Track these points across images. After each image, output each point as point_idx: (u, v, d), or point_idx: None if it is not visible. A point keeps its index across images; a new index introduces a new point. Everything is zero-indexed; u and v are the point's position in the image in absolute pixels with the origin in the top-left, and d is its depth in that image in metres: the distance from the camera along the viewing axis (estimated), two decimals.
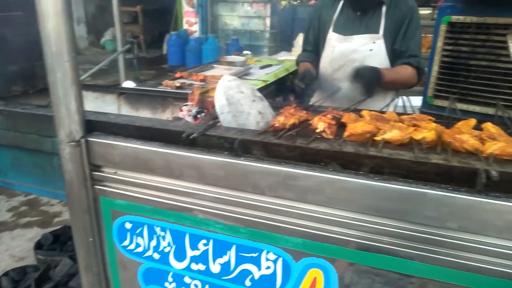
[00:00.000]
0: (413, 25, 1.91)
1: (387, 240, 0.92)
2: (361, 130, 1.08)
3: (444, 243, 0.88)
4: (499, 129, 1.13)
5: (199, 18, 7.02)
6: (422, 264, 0.91)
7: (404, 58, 1.93)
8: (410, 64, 1.92)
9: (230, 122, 1.19)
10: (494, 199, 0.84)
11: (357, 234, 0.95)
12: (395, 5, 1.90)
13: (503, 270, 0.85)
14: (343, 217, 0.95)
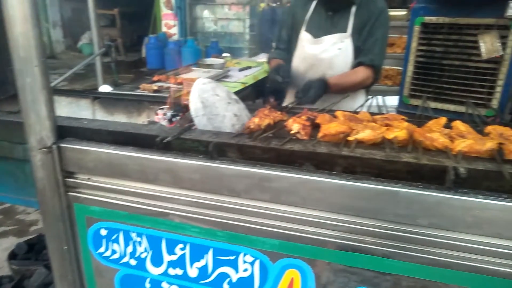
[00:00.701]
0: (378, 24, 1.94)
1: (361, 238, 0.94)
2: (334, 131, 1.09)
3: (416, 240, 0.90)
4: (468, 127, 1.15)
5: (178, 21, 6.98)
6: (396, 261, 0.93)
7: (362, 54, 1.96)
8: (362, 63, 1.94)
9: (205, 125, 1.19)
10: (462, 196, 0.86)
11: (332, 234, 0.96)
12: (365, 5, 1.93)
13: (472, 264, 0.87)
14: (318, 217, 0.96)
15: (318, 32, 1.96)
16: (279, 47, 2.15)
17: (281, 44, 2.13)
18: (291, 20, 2.08)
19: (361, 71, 1.97)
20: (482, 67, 2.48)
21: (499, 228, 0.84)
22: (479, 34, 2.41)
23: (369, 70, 1.98)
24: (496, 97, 2.47)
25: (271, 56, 2.18)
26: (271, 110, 1.25)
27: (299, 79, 2.05)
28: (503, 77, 2.42)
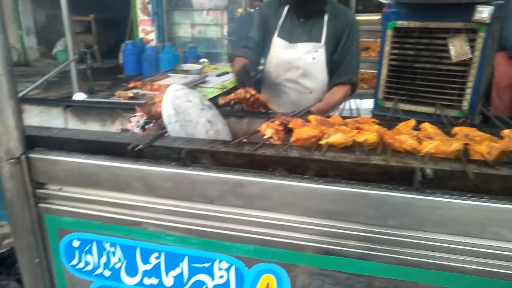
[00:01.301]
0: (351, 38, 2.01)
1: (334, 241, 0.95)
2: (306, 135, 1.10)
3: (387, 240, 0.91)
4: (436, 128, 1.19)
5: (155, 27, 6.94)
6: (368, 262, 0.94)
7: (340, 73, 2.03)
8: (342, 83, 2.03)
9: (178, 131, 1.18)
10: (429, 196, 0.88)
11: (305, 237, 0.97)
12: (336, 15, 1.97)
13: (441, 263, 0.89)
14: (291, 221, 0.97)
15: (292, 38, 1.98)
16: (248, 46, 2.08)
17: (250, 43, 2.08)
18: (263, 22, 2.06)
19: (340, 91, 2.03)
20: (452, 69, 2.55)
21: (465, 226, 0.87)
22: (449, 37, 2.48)
23: (348, 87, 2.06)
24: (467, 98, 2.54)
25: (236, 53, 2.10)
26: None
27: (271, 86, 2.07)
28: (472, 79, 2.50)
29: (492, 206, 0.85)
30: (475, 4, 2.34)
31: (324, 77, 2.04)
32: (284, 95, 2.08)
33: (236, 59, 2.03)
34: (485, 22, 2.34)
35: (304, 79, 2.02)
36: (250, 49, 2.07)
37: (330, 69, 2.03)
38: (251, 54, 2.04)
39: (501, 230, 0.85)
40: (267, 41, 2.04)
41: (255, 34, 2.08)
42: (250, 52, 2.05)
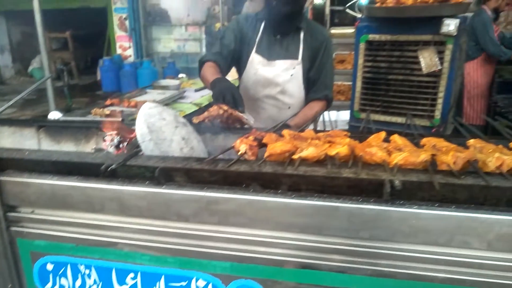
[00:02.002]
0: (326, 55, 2.07)
1: (308, 255, 0.96)
2: (280, 150, 1.12)
3: (360, 252, 0.93)
4: (405, 140, 1.22)
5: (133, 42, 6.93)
6: (343, 274, 0.96)
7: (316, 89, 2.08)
8: (318, 99, 2.08)
9: (152, 150, 1.18)
10: (399, 207, 0.90)
11: (280, 252, 0.98)
12: (311, 33, 2.02)
13: (412, 272, 0.91)
14: (266, 237, 0.98)
15: (270, 55, 2.01)
16: (220, 53, 2.01)
17: (225, 50, 2.01)
18: (239, 34, 2.04)
19: (316, 106, 2.08)
20: (423, 80, 2.64)
21: (434, 235, 0.89)
22: (419, 50, 2.57)
23: (324, 102, 2.11)
24: (438, 108, 2.63)
25: (207, 58, 1.98)
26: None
27: (250, 101, 2.09)
28: (443, 90, 2.59)
29: (458, 215, 0.88)
30: (442, 17, 2.44)
31: (301, 93, 2.08)
32: (263, 110, 2.10)
33: (206, 64, 1.95)
34: (452, 34, 2.44)
35: (282, 95, 2.05)
36: (222, 57, 2.00)
37: (307, 85, 2.08)
38: (222, 61, 1.97)
39: (468, 238, 0.88)
40: (244, 56, 2.05)
41: (229, 42, 2.03)
42: (222, 59, 1.98)
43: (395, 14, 2.56)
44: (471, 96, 4.43)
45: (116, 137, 1.33)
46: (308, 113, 2.03)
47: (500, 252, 0.87)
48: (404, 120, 2.70)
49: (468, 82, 4.43)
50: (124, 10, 6.93)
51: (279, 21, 1.94)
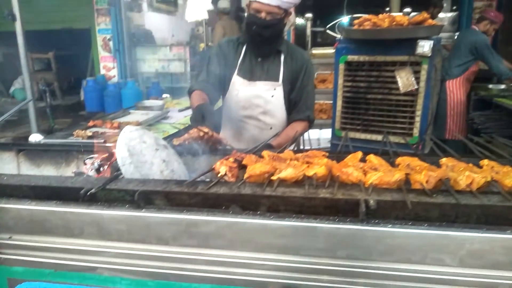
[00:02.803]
0: (307, 77, 2.13)
1: (287, 275, 0.97)
2: (259, 171, 1.14)
3: (337, 272, 0.95)
4: (381, 159, 1.26)
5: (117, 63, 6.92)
6: None
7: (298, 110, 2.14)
8: (300, 119, 2.13)
9: (132, 173, 1.19)
10: (374, 226, 0.93)
11: (260, 273, 0.98)
12: (292, 55, 2.08)
13: None
14: (245, 258, 0.98)
15: (251, 77, 2.06)
16: (207, 80, 2.08)
17: (210, 78, 2.08)
18: (222, 59, 2.10)
19: (298, 126, 2.12)
20: (401, 99, 2.71)
21: (408, 253, 0.92)
22: (396, 70, 2.65)
23: (305, 123, 2.16)
24: (417, 126, 2.71)
25: (194, 87, 2.05)
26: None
27: (232, 122, 2.12)
28: (420, 108, 2.67)
29: (430, 233, 0.91)
30: (417, 39, 2.54)
31: (283, 113, 2.12)
32: (245, 131, 2.13)
33: (194, 93, 2.01)
34: (426, 55, 2.53)
35: (264, 116, 2.09)
36: (209, 84, 2.07)
37: (288, 106, 2.12)
38: (209, 88, 2.04)
39: (441, 256, 0.91)
40: (227, 78, 2.10)
41: (215, 68, 2.10)
42: (209, 86, 2.05)
43: (372, 36, 2.65)
44: (454, 113, 4.55)
45: (97, 161, 1.34)
46: (290, 133, 2.07)
47: (471, 268, 0.90)
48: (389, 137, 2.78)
49: (452, 100, 4.56)
50: (108, 31, 6.95)
51: (259, 45, 2.00)
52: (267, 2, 1.85)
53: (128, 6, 7.61)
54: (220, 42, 2.21)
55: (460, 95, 4.55)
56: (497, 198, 0.98)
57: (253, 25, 1.92)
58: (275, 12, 1.88)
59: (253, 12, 1.90)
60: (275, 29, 1.94)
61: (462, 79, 4.54)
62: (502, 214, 0.95)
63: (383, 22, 2.64)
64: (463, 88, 4.56)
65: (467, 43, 4.40)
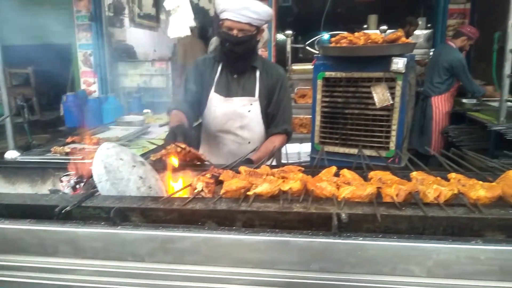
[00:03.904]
0: (283, 91, 2.18)
1: None
2: (235, 187, 1.16)
3: (311, 285, 0.97)
4: (354, 173, 1.29)
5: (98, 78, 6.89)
6: None
7: (275, 124, 2.18)
8: (279, 133, 2.17)
9: (109, 190, 1.19)
10: (346, 239, 0.96)
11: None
12: (267, 71, 2.13)
13: None
14: (221, 273, 0.99)
15: (228, 93, 2.10)
16: (185, 100, 2.13)
17: (187, 97, 2.13)
18: (199, 77, 2.16)
19: (277, 140, 2.16)
20: (378, 114, 2.79)
21: (379, 265, 0.94)
22: (372, 86, 2.73)
23: (284, 136, 2.19)
24: (393, 140, 2.78)
25: (172, 106, 2.11)
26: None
27: (211, 138, 2.15)
28: (395, 122, 2.74)
29: (399, 245, 0.94)
30: (391, 56, 2.63)
31: (260, 128, 2.16)
32: (224, 146, 2.16)
33: (173, 112, 2.07)
34: (401, 71, 2.62)
35: (242, 131, 2.12)
36: (186, 103, 2.13)
37: (266, 120, 2.16)
38: (187, 107, 2.10)
39: (410, 267, 0.94)
40: (204, 96, 2.13)
41: (192, 87, 2.15)
42: (186, 105, 2.11)
43: (348, 53, 2.73)
44: (440, 128, 4.67)
45: (73, 178, 1.33)
46: (269, 146, 2.10)
47: (438, 278, 0.93)
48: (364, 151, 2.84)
49: (437, 115, 4.68)
50: (89, 47, 6.93)
51: (233, 61, 2.05)
52: (238, 19, 1.90)
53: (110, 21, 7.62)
54: (196, 61, 2.26)
55: (445, 111, 4.68)
56: (462, 210, 1.03)
57: (226, 42, 1.97)
58: (246, 29, 1.94)
59: (226, 30, 1.95)
60: (248, 46, 1.99)
61: (447, 95, 4.67)
62: (467, 226, 0.99)
63: (359, 40, 2.73)
64: (448, 103, 4.69)
65: (444, 62, 4.54)
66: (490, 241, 0.94)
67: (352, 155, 2.88)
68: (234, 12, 1.90)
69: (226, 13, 1.92)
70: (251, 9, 1.90)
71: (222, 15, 1.95)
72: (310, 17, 7.76)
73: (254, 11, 1.90)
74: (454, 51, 4.57)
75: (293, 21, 8.79)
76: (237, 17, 1.90)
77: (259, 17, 1.93)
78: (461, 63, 4.45)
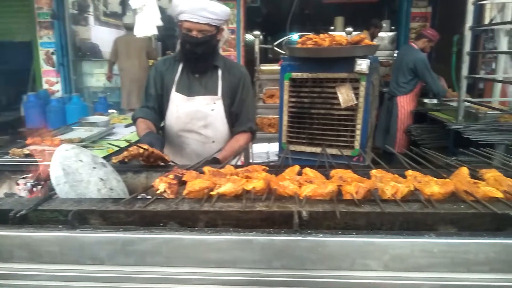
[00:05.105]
0: (245, 90, 2.19)
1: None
2: (198, 187, 1.16)
3: (272, 282, 0.98)
4: (317, 172, 1.32)
5: (61, 77, 6.67)
6: None
7: (240, 122, 2.19)
8: (243, 131, 2.18)
9: (68, 192, 1.16)
10: (306, 236, 0.97)
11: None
12: (229, 70, 2.14)
13: None
14: (183, 274, 0.99)
15: (190, 92, 2.09)
16: (147, 106, 2.16)
17: (149, 102, 2.15)
18: (159, 79, 2.15)
19: (242, 138, 2.16)
20: (343, 114, 2.86)
21: (338, 261, 0.97)
22: (336, 86, 2.79)
23: (248, 134, 2.20)
24: (357, 139, 2.85)
25: (137, 115, 2.14)
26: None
27: (174, 138, 2.13)
28: (360, 122, 2.82)
29: (357, 240, 0.97)
30: (355, 57, 2.69)
31: (224, 127, 2.16)
32: (187, 146, 2.15)
33: (138, 121, 2.09)
34: (364, 72, 2.69)
35: (205, 130, 2.12)
36: (149, 109, 2.15)
37: (230, 119, 2.17)
38: (151, 114, 2.12)
39: (367, 261, 0.97)
40: (166, 96, 2.12)
41: (153, 91, 2.15)
42: (150, 111, 2.13)
43: (314, 54, 2.78)
44: (404, 127, 4.82)
45: (30, 181, 1.28)
46: (235, 145, 2.11)
47: (395, 272, 0.96)
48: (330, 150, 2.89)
49: (402, 114, 4.83)
50: (52, 45, 6.70)
51: (194, 62, 2.05)
52: (196, 20, 1.90)
53: (74, 19, 7.40)
54: (156, 64, 2.25)
55: (409, 110, 4.84)
56: (417, 206, 1.07)
57: (186, 43, 1.97)
58: (206, 30, 1.94)
59: (185, 31, 1.95)
60: (208, 46, 2.00)
61: (412, 95, 4.83)
62: (421, 220, 1.04)
63: (324, 41, 2.78)
64: (413, 103, 4.85)
65: (408, 62, 4.70)
66: (442, 235, 0.99)
67: (319, 154, 2.94)
68: (192, 13, 1.90)
69: (184, 15, 1.92)
70: (209, 9, 1.90)
71: (180, 17, 1.94)
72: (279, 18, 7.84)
73: (212, 12, 1.91)
74: (416, 52, 4.74)
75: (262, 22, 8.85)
76: (196, 18, 1.90)
77: (218, 17, 1.94)
78: (423, 62, 4.62)
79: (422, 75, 4.62)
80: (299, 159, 2.99)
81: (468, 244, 0.95)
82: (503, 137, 3.21)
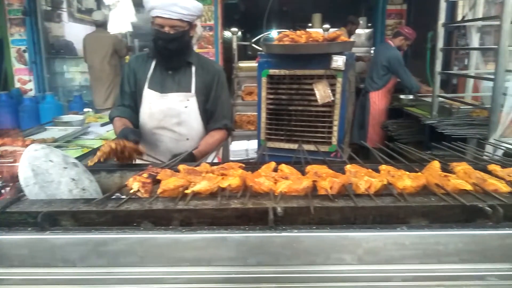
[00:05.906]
0: (220, 87, 2.17)
1: (199, 287, 0.98)
2: (173, 185, 1.14)
3: (248, 279, 0.98)
4: (292, 168, 1.32)
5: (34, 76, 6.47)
6: None
7: (215, 119, 2.18)
8: (218, 128, 2.17)
9: (37, 194, 1.12)
10: (281, 232, 0.98)
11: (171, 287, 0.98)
12: (203, 67, 2.12)
13: None
14: (157, 273, 0.98)
15: (163, 89, 2.06)
16: (123, 104, 2.13)
17: (125, 100, 2.13)
18: (133, 76, 2.12)
19: (217, 134, 2.15)
20: (320, 110, 2.87)
21: (313, 255, 0.98)
22: (314, 83, 2.81)
23: (223, 131, 2.19)
24: (335, 135, 2.88)
25: (113, 114, 2.11)
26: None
27: (148, 135, 2.10)
28: (337, 118, 2.84)
29: (331, 235, 0.98)
30: (331, 54, 2.71)
31: (198, 124, 2.14)
32: (161, 143, 2.12)
33: (115, 120, 2.06)
34: (340, 69, 2.71)
35: (179, 127, 2.10)
36: (125, 107, 2.12)
37: (205, 117, 2.15)
38: (127, 111, 2.10)
39: (342, 255, 0.98)
40: (139, 93, 2.09)
41: (127, 88, 2.12)
42: (126, 109, 2.11)
43: (290, 51, 2.78)
44: (376, 122, 4.89)
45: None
46: (210, 140, 2.10)
47: (368, 265, 0.98)
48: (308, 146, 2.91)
49: (374, 110, 4.90)
50: (23, 42, 6.48)
51: (167, 58, 2.02)
52: (168, 16, 1.88)
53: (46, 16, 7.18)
54: (129, 61, 2.21)
55: (382, 105, 4.92)
56: (390, 199, 1.09)
57: (159, 40, 1.94)
58: (178, 26, 1.92)
59: (157, 27, 1.92)
60: (181, 42, 1.97)
61: (384, 91, 4.91)
62: (394, 214, 1.05)
63: (300, 38, 2.79)
64: (385, 99, 4.93)
65: (382, 59, 4.78)
66: (414, 227, 1.01)
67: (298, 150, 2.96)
68: (163, 9, 1.87)
69: (155, 11, 1.89)
70: (180, 4, 1.88)
71: (152, 13, 1.91)
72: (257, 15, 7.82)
73: (183, 7, 1.88)
74: (392, 49, 4.82)
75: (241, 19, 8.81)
76: (167, 13, 1.87)
77: (190, 12, 1.92)
78: (397, 59, 4.70)
79: (395, 71, 4.71)
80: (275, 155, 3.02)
81: (438, 236, 0.97)
82: (475, 131, 3.29)
